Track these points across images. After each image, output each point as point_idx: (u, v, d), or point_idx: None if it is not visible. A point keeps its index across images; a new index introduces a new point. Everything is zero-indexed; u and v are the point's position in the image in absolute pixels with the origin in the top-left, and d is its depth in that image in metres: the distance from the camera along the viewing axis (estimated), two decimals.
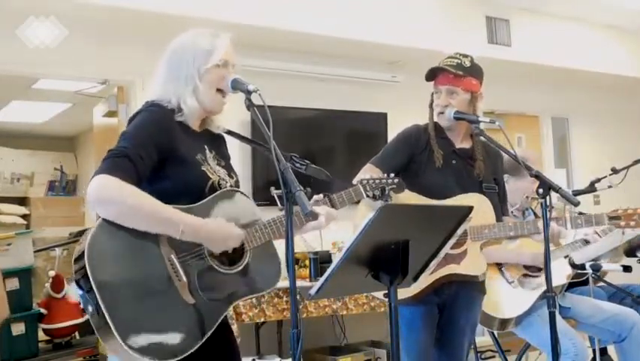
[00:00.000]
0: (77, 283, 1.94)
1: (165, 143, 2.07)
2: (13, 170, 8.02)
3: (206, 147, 2.22)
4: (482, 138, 2.79)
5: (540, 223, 2.63)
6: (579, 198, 2.67)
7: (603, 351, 4.00)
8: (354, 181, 2.49)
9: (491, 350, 4.69)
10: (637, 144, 7.07)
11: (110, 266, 1.92)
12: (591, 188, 4.10)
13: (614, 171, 4.09)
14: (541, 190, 2.46)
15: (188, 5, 4.42)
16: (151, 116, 2.10)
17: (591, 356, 3.68)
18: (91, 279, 1.88)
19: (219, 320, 2.06)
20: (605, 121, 7.23)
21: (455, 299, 2.76)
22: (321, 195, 2.25)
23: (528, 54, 6.05)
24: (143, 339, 1.91)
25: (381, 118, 5.53)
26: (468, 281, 2.75)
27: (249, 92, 2.10)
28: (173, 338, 1.96)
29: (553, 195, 2.50)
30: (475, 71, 2.82)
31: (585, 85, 6.86)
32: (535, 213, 3.73)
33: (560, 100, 6.94)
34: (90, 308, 1.92)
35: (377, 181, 2.38)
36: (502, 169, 2.96)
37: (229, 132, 2.35)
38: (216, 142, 2.31)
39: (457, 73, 2.76)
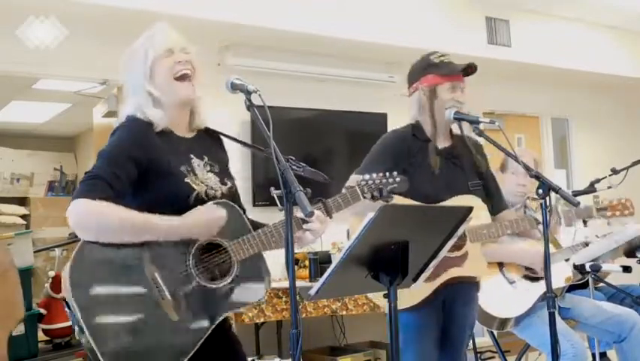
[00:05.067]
0: (65, 302, 1.94)
1: (143, 156, 2.06)
2: (12, 170, 8.02)
3: (193, 155, 2.18)
4: (468, 136, 2.80)
5: (538, 217, 2.66)
6: (579, 198, 2.67)
7: (602, 354, 4.00)
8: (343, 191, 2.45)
9: (491, 351, 4.70)
10: (637, 144, 7.07)
11: (92, 288, 1.92)
12: (591, 188, 4.10)
13: (614, 171, 4.09)
14: (540, 190, 2.46)
15: (188, 5, 4.42)
16: (127, 132, 2.10)
17: (590, 359, 3.68)
18: (73, 302, 1.88)
19: (207, 334, 2.04)
20: (605, 121, 7.23)
21: (455, 298, 2.76)
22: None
23: (528, 54, 6.05)
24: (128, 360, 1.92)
25: (381, 118, 5.53)
26: (466, 281, 2.75)
27: (248, 93, 2.10)
28: (159, 357, 1.97)
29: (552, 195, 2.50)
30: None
31: (585, 85, 6.86)
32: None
33: (560, 100, 6.94)
34: (77, 328, 1.92)
35: (377, 182, 2.32)
36: (486, 160, 2.91)
37: (207, 130, 2.30)
38: (209, 145, 2.27)
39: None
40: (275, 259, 2.33)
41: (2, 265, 3.59)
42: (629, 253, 3.96)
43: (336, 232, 2.76)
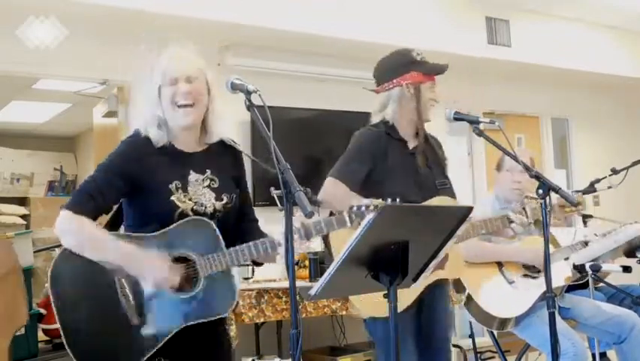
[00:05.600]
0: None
1: (134, 173, 2.20)
2: (13, 170, 8.02)
3: (192, 170, 2.26)
4: (430, 134, 2.81)
5: (512, 217, 2.72)
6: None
7: (602, 355, 4.00)
8: (321, 197, 2.48)
9: (491, 351, 4.69)
10: (637, 144, 7.07)
11: (67, 290, 2.18)
12: (591, 188, 4.11)
13: (614, 171, 4.09)
14: (540, 191, 2.46)
15: (188, 5, 4.41)
16: (124, 148, 2.26)
17: (590, 359, 3.68)
18: (52, 303, 2.14)
19: (164, 340, 2.15)
20: (605, 121, 7.23)
21: (433, 300, 2.78)
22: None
23: (528, 54, 6.04)
24: (93, 358, 2.15)
25: None
26: (440, 282, 2.77)
27: (248, 93, 2.11)
28: (119, 356, 2.16)
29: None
30: None
31: (585, 85, 6.86)
32: None
33: (560, 100, 6.94)
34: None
35: (363, 208, 2.24)
36: (445, 159, 2.91)
37: (220, 142, 2.34)
38: (216, 158, 2.31)
39: None
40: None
41: (3, 266, 3.57)
42: (629, 253, 3.96)
43: None
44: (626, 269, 3.59)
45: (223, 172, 2.31)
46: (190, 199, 2.22)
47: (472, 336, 3.89)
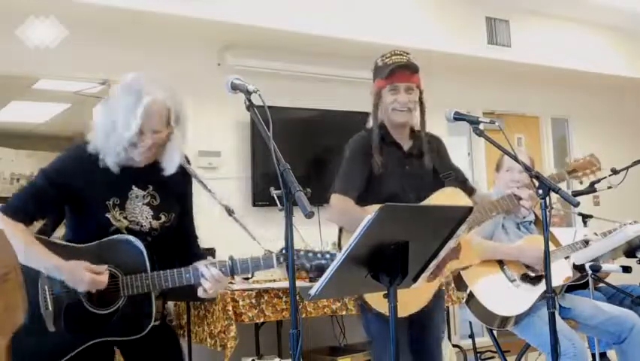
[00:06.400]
0: None
1: (74, 187, 2.24)
2: (12, 170, 8.01)
3: (135, 185, 2.29)
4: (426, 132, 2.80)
5: (518, 193, 2.77)
6: (579, 198, 2.68)
7: (602, 355, 4.00)
8: (330, 216, 2.56)
9: (491, 351, 4.69)
10: (637, 145, 7.08)
11: None
12: (591, 188, 4.11)
13: (614, 171, 4.09)
14: (540, 191, 2.46)
15: (189, 5, 4.41)
16: (65, 159, 2.31)
17: (590, 359, 3.68)
18: None
19: (75, 352, 2.21)
20: (605, 121, 7.23)
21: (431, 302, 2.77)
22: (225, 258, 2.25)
23: (528, 55, 6.05)
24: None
25: None
26: None
27: (248, 93, 2.11)
28: (32, 358, 2.21)
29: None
30: (418, 69, 2.82)
31: (585, 86, 6.86)
32: (535, 214, 3.73)
33: (559, 100, 6.95)
34: None
35: (301, 253, 2.32)
36: (447, 151, 2.93)
37: (182, 167, 2.34)
38: (159, 174, 2.31)
39: (414, 69, 2.77)
40: None
41: (3, 265, 3.57)
42: (629, 253, 3.96)
43: (336, 232, 2.76)
44: (626, 269, 3.59)
45: (166, 189, 2.34)
46: (125, 218, 2.27)
47: (472, 336, 3.89)
